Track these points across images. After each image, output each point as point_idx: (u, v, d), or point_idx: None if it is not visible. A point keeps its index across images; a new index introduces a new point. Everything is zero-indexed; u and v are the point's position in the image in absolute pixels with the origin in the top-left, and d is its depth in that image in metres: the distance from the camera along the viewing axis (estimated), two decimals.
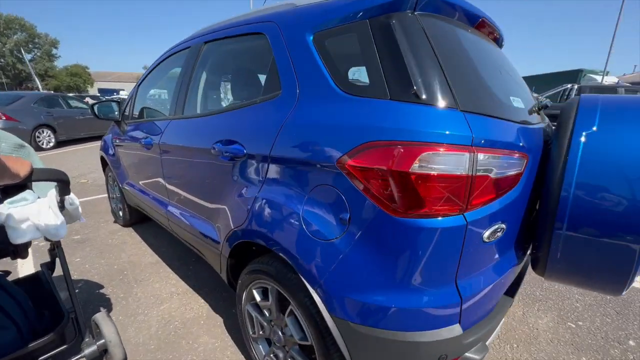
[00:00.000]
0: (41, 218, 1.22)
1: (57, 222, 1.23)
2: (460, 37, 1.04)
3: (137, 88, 2.47)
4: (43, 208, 1.23)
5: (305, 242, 1.00)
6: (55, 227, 1.23)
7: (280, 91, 1.16)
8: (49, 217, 1.22)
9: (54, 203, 1.24)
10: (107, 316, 1.51)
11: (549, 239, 0.99)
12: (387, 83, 0.89)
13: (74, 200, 1.32)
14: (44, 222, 1.21)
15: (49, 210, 1.23)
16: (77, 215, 1.37)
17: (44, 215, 1.22)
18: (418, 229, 0.81)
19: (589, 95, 1.06)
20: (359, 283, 0.91)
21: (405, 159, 0.79)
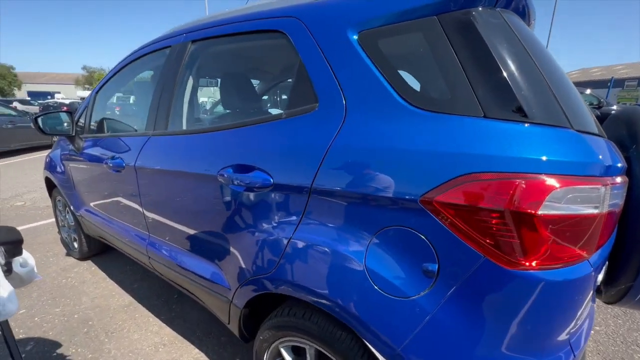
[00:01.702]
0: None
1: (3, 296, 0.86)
2: (531, 34, 0.89)
3: (94, 95, 2.03)
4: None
5: (372, 299, 0.78)
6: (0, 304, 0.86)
7: (316, 104, 0.92)
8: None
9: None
10: None
11: (636, 273, 0.88)
12: (477, 97, 0.70)
13: (28, 260, 0.95)
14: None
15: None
16: (31, 277, 1.00)
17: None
18: (541, 283, 0.64)
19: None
20: (454, 350, 0.72)
21: (531, 197, 0.61)
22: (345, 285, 0.82)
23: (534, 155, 0.62)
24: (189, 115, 1.42)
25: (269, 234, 0.99)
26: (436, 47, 0.77)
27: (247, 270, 1.08)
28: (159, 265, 1.58)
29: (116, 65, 1.91)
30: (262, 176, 0.97)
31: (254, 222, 1.04)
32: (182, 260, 1.41)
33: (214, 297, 1.29)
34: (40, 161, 7.04)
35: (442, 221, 0.68)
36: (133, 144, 1.55)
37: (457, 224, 0.67)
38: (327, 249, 0.85)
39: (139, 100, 2.19)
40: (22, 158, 7.45)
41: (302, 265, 0.90)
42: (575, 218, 0.62)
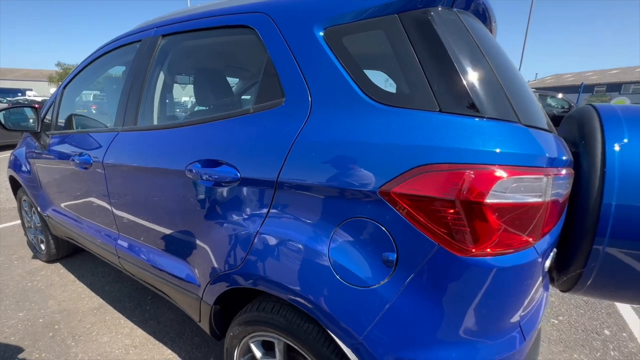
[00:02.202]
0: None
1: None
2: (486, 34, 0.93)
3: (61, 91, 1.95)
4: None
5: (335, 289, 0.79)
6: None
7: (283, 99, 0.92)
8: None
9: None
10: None
11: (585, 259, 0.93)
12: (434, 92, 0.73)
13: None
14: None
15: None
16: None
17: None
18: (491, 268, 0.67)
19: (603, 105, 1.04)
20: (412, 337, 0.74)
21: (479, 186, 0.64)
22: (310, 277, 0.83)
23: (483, 147, 0.66)
24: (159, 110, 1.39)
25: (236, 229, 0.99)
26: (396, 45, 0.80)
27: (216, 266, 1.07)
28: (129, 265, 1.54)
29: (85, 60, 1.85)
30: (229, 171, 0.96)
31: (222, 217, 1.03)
32: (153, 259, 1.38)
33: (185, 295, 1.27)
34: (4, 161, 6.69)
35: (400, 211, 0.71)
36: (101, 140, 1.50)
37: (413, 214, 0.69)
38: (292, 242, 0.86)
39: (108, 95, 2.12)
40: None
41: (269, 258, 0.91)
42: (520, 206, 0.66)
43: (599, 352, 1.68)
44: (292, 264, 0.86)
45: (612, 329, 1.86)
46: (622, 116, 0.96)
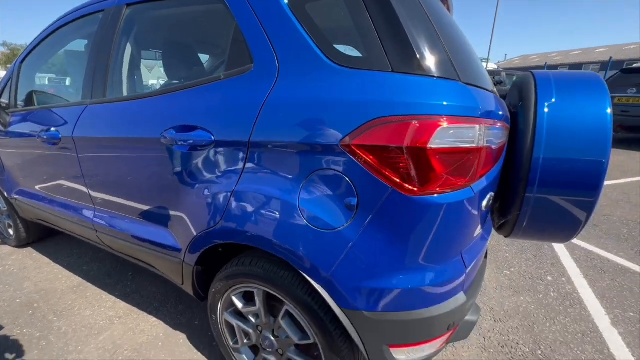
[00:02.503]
0: None
1: None
2: (436, 3, 1.03)
3: (18, 66, 1.86)
4: None
5: (306, 234, 0.89)
6: None
7: (252, 65, 0.98)
8: None
9: None
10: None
11: (521, 204, 1.09)
12: (387, 54, 0.82)
13: None
14: None
15: None
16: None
17: None
18: (434, 205, 0.79)
19: (540, 72, 1.18)
20: (371, 269, 0.86)
21: (422, 134, 0.75)
22: (283, 226, 0.92)
23: (426, 100, 0.76)
24: (128, 82, 1.39)
25: (213, 190, 1.06)
26: (354, 12, 0.87)
27: (195, 227, 1.14)
28: (108, 238, 1.56)
29: (42, 32, 1.77)
30: (203, 135, 1.02)
31: (199, 181, 1.09)
32: (132, 229, 1.42)
33: (167, 261, 1.34)
34: None
35: (358, 161, 0.81)
36: (69, 115, 1.48)
37: (369, 162, 0.80)
38: (266, 197, 0.95)
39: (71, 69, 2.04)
40: None
41: (245, 213, 0.99)
42: (457, 151, 0.78)
43: (542, 294, 1.94)
44: (267, 216, 0.95)
45: (554, 275, 2.13)
46: (553, 80, 1.10)
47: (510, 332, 1.63)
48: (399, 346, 0.93)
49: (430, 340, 0.94)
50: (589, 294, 1.94)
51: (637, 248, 2.48)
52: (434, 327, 0.92)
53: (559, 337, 1.60)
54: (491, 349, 1.52)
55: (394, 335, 0.91)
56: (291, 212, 0.91)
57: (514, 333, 1.62)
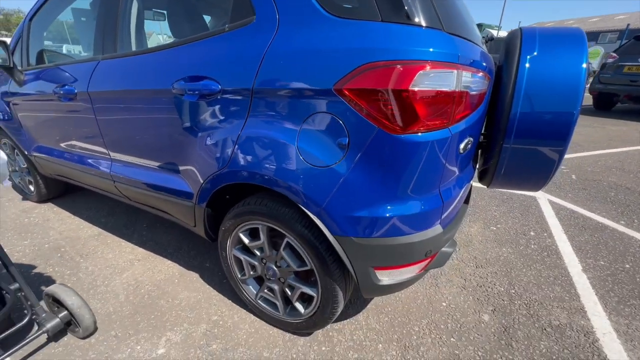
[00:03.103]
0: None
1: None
2: None
3: (27, 24, 1.92)
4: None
5: (304, 171, 1.02)
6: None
7: (254, 17, 1.06)
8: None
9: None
10: (63, 285, 1.37)
11: (499, 153, 1.21)
12: (377, 5, 0.90)
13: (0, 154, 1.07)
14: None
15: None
16: (4, 173, 1.12)
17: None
18: (415, 143, 0.91)
19: (529, 27, 1.24)
20: (359, 201, 1.00)
21: (405, 77, 0.84)
22: (283, 164, 1.05)
23: (410, 47, 0.85)
24: (137, 37, 1.47)
25: (221, 135, 1.18)
26: None
27: (205, 171, 1.27)
28: (125, 187, 1.71)
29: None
30: (211, 84, 1.12)
31: (208, 127, 1.21)
32: (147, 177, 1.56)
33: (180, 205, 1.49)
34: None
35: (349, 104, 0.91)
36: (82, 70, 1.57)
37: (359, 104, 0.90)
38: (269, 139, 1.07)
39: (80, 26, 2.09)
40: None
41: (250, 155, 1.11)
42: (436, 93, 0.88)
43: (522, 246, 2.10)
44: (269, 157, 1.07)
45: (537, 231, 2.29)
46: (537, 34, 1.17)
47: (489, 275, 1.81)
48: (383, 268, 1.09)
49: (409, 264, 1.10)
50: (566, 247, 2.10)
51: (620, 209, 2.62)
52: (413, 252, 1.07)
53: (532, 280, 1.77)
54: (470, 288, 1.71)
55: (378, 259, 1.07)
56: (290, 152, 1.03)
57: (492, 276, 1.80)
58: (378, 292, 1.18)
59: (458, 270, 1.85)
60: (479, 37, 1.24)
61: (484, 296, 1.65)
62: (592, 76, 9.50)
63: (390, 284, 1.13)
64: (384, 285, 1.12)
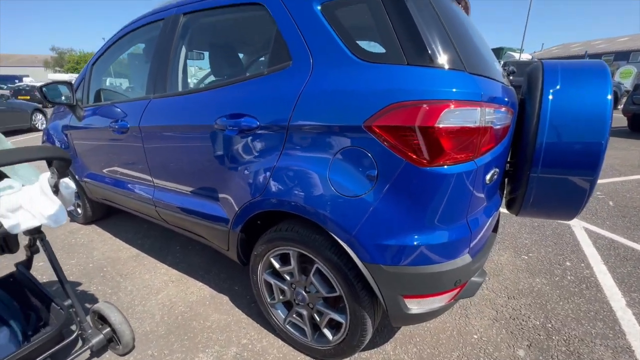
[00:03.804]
0: (35, 205, 1.11)
1: (56, 207, 1.14)
2: (450, 6, 1.17)
3: (90, 67, 2.21)
4: (35, 195, 1.13)
5: (335, 200, 1.08)
6: (54, 214, 1.13)
7: (290, 62, 1.19)
8: (44, 204, 1.13)
9: (47, 187, 1.14)
10: (108, 302, 1.47)
11: (527, 182, 1.22)
12: (403, 50, 0.99)
13: (70, 183, 1.22)
14: (40, 209, 1.11)
15: (43, 195, 1.13)
16: (71, 201, 1.27)
17: (38, 202, 1.12)
18: (442, 175, 0.96)
19: (549, 61, 1.29)
20: (389, 229, 1.04)
21: (431, 115, 0.91)
22: (315, 193, 1.12)
23: (435, 87, 0.93)
24: (184, 79, 1.65)
25: (257, 166, 1.28)
26: (376, 14, 1.05)
27: (241, 198, 1.37)
28: (165, 213, 1.85)
29: (110, 39, 2.09)
30: (250, 120, 1.24)
31: (245, 158, 1.32)
32: (186, 204, 1.69)
33: (215, 229, 1.59)
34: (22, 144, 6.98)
35: (378, 139, 0.99)
36: (135, 108, 1.78)
37: (388, 139, 0.97)
38: (302, 170, 1.15)
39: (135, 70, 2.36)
40: None
41: (284, 185, 1.20)
42: (461, 129, 0.93)
43: (558, 277, 2.01)
44: (303, 187, 1.15)
45: (573, 261, 2.18)
46: (559, 69, 1.22)
47: (523, 307, 1.74)
48: (412, 297, 1.11)
49: (439, 293, 1.11)
50: (607, 279, 1.98)
51: None
52: (442, 281, 1.08)
53: (570, 314, 1.69)
54: (502, 320, 1.65)
55: (408, 287, 1.09)
56: (322, 183, 1.11)
57: (526, 309, 1.73)
58: (407, 320, 1.18)
59: (489, 300, 1.80)
60: (500, 73, 1.30)
61: (518, 330, 1.59)
62: (625, 97, 9.14)
63: (419, 312, 1.14)
64: (413, 314, 1.13)
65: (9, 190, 1.10)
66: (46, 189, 1.10)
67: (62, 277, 1.36)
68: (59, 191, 1.15)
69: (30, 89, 15.17)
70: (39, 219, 1.09)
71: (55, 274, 1.36)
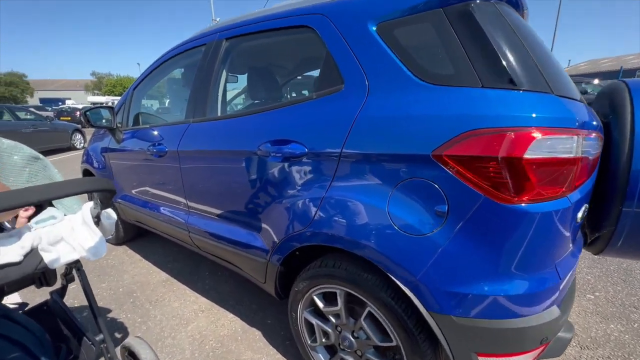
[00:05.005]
0: (76, 237, 1.06)
1: (96, 239, 1.08)
2: (519, 19, 1.06)
3: (132, 92, 2.25)
4: (77, 225, 1.08)
5: (395, 239, 0.96)
6: (94, 246, 1.07)
7: (342, 85, 1.11)
8: (85, 235, 1.07)
9: (89, 218, 1.08)
10: (140, 338, 1.38)
11: (617, 219, 1.04)
12: (476, 71, 0.88)
13: (111, 214, 1.17)
14: (81, 241, 1.05)
15: (84, 226, 1.08)
16: (112, 231, 1.22)
17: (79, 233, 1.07)
18: (529, 214, 0.81)
19: (632, 80, 1.13)
20: (461, 275, 0.90)
21: (519, 144, 0.78)
22: (373, 230, 1.00)
23: (521, 113, 0.80)
24: (226, 103, 1.62)
25: (303, 196, 1.18)
26: (442, 33, 0.95)
27: (284, 230, 1.27)
28: (199, 239, 1.78)
29: (152, 64, 2.13)
30: (297, 147, 1.16)
31: (290, 188, 1.23)
32: (222, 231, 1.61)
33: (251, 260, 1.49)
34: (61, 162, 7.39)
35: (450, 170, 0.86)
36: (174, 132, 1.76)
37: (462, 171, 0.85)
38: (356, 202, 1.04)
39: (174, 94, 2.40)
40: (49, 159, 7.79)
41: (335, 217, 1.09)
42: (554, 161, 0.80)
43: (637, 323, 1.73)
44: (357, 221, 1.04)
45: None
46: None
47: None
48: (489, 355, 0.94)
49: (521, 353, 0.93)
50: None
51: None
52: (527, 339, 0.91)
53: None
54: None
55: (484, 344, 0.92)
56: (380, 217, 0.98)
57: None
58: None
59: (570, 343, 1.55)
60: (578, 92, 1.16)
61: None
62: None
63: None
64: None
65: (52, 221, 1.06)
66: (88, 220, 1.05)
67: (95, 311, 1.30)
68: (100, 221, 1.10)
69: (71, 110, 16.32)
70: (78, 252, 1.03)
71: (90, 306, 1.29)
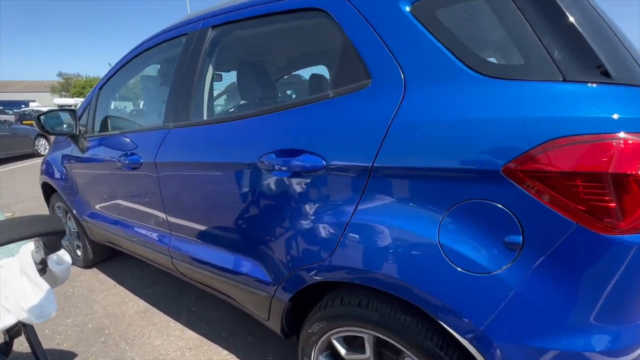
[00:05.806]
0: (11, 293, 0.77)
1: (41, 295, 0.79)
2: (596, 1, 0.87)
3: (97, 92, 1.92)
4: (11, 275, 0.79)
5: (452, 277, 0.74)
6: (38, 305, 0.79)
7: (368, 80, 0.87)
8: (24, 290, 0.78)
9: (29, 267, 0.79)
10: None
11: None
12: (554, 60, 0.68)
13: (63, 257, 0.88)
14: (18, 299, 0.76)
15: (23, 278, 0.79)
16: (65, 277, 0.93)
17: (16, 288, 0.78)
18: (638, 248, 0.62)
19: None
20: (543, 326, 0.69)
21: (630, 157, 0.58)
22: (418, 265, 0.78)
23: (629, 115, 0.60)
24: (215, 104, 1.35)
25: (321, 220, 0.94)
26: (502, 13, 0.75)
27: (295, 261, 1.03)
28: (183, 266, 1.50)
29: (120, 60, 1.81)
30: (312, 159, 0.92)
31: (302, 209, 0.98)
32: (213, 258, 1.34)
33: (251, 294, 1.23)
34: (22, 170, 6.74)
35: (528, 190, 0.65)
36: (150, 139, 1.47)
37: (545, 191, 0.64)
38: (394, 230, 0.81)
39: (149, 94, 2.09)
40: (10, 167, 7.10)
41: (363, 248, 0.86)
42: None
43: None
44: (394, 254, 0.81)
45: None
46: None
47: None
48: None
49: None
50: None
51: None
52: None
53: None
54: None
55: None
56: (429, 250, 0.76)
57: None
58: None
59: None
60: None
61: None
62: None
63: None
64: None
65: None
66: (29, 269, 0.76)
67: None
68: (47, 268, 0.82)
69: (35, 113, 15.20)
70: (15, 314, 0.74)
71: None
